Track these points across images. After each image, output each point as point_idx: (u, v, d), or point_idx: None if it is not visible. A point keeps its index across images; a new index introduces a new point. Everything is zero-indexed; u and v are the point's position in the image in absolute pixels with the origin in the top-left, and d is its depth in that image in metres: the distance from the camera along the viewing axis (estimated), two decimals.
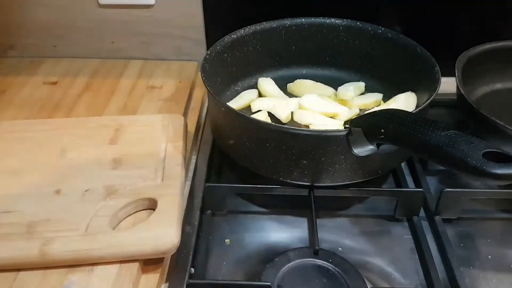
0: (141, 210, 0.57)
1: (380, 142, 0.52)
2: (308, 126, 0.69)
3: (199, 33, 0.88)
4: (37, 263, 0.50)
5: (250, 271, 0.56)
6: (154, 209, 0.55)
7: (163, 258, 0.53)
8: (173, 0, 0.86)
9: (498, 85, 0.80)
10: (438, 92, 0.61)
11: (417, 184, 0.66)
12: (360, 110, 0.74)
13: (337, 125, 0.69)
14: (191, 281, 0.52)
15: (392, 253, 0.58)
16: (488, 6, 0.82)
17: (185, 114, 0.76)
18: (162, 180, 0.59)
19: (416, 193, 0.61)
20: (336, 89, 0.78)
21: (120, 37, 0.91)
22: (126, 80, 0.85)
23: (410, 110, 0.59)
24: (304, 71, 0.82)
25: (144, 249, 0.50)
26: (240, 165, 0.63)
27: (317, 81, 0.79)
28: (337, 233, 0.61)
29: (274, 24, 0.77)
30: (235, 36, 0.74)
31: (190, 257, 0.55)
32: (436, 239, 0.59)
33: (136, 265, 0.51)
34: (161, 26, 0.88)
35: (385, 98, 0.75)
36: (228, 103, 0.71)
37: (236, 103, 0.74)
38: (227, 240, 0.59)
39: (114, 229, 0.53)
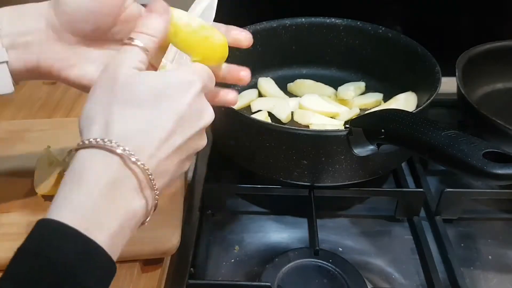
0: None
1: (381, 142, 0.52)
2: (308, 126, 0.69)
3: None
4: None
5: (250, 271, 0.56)
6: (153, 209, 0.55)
7: (163, 258, 0.53)
8: None
9: (498, 85, 0.80)
10: (439, 92, 0.60)
11: (418, 184, 0.66)
12: (360, 110, 0.73)
13: (337, 125, 0.69)
14: (191, 281, 0.52)
15: (392, 253, 0.58)
16: (488, 6, 0.82)
17: None
18: None
19: (416, 193, 0.61)
20: (336, 89, 0.77)
21: None
22: None
23: (410, 110, 0.59)
24: (304, 71, 0.82)
25: (144, 249, 0.50)
26: (240, 165, 0.63)
27: (317, 81, 0.79)
28: (338, 234, 0.61)
29: (274, 24, 0.77)
30: None
31: (190, 257, 0.55)
32: (437, 239, 0.59)
33: (136, 265, 0.50)
34: None
35: (385, 98, 0.75)
36: None
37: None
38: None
39: None
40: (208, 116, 0.39)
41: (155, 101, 0.35)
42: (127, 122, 0.34)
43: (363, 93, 0.77)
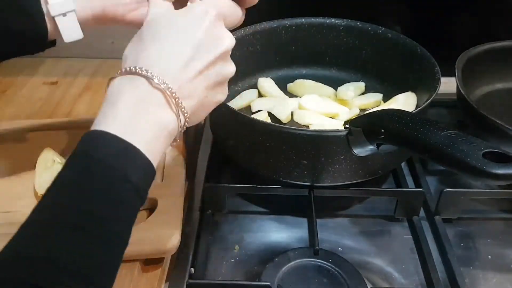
0: (141, 210, 0.57)
1: (380, 142, 0.52)
2: (308, 126, 0.69)
3: None
4: None
5: (250, 271, 0.56)
6: (154, 209, 0.55)
7: (163, 258, 0.53)
8: None
9: (498, 85, 0.80)
10: (438, 92, 0.61)
11: (417, 184, 0.66)
12: (360, 110, 0.73)
13: (337, 125, 0.69)
14: (191, 281, 0.52)
15: (392, 253, 0.58)
16: (488, 6, 0.82)
17: None
18: (162, 180, 0.59)
19: (416, 193, 0.61)
20: (336, 89, 0.77)
21: (120, 37, 0.89)
22: None
23: (410, 110, 0.59)
24: (304, 71, 0.82)
25: (144, 249, 0.50)
26: (240, 165, 0.63)
27: (317, 81, 0.79)
28: (337, 233, 0.61)
29: (274, 24, 0.77)
30: (235, 36, 0.73)
31: (190, 257, 0.55)
32: (436, 239, 0.59)
33: (136, 265, 0.51)
34: None
35: (385, 98, 0.75)
36: (228, 103, 0.71)
37: (236, 103, 0.74)
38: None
39: None
40: (226, 41, 0.44)
41: (174, 33, 0.41)
42: (152, 53, 0.40)
43: (363, 93, 0.77)
